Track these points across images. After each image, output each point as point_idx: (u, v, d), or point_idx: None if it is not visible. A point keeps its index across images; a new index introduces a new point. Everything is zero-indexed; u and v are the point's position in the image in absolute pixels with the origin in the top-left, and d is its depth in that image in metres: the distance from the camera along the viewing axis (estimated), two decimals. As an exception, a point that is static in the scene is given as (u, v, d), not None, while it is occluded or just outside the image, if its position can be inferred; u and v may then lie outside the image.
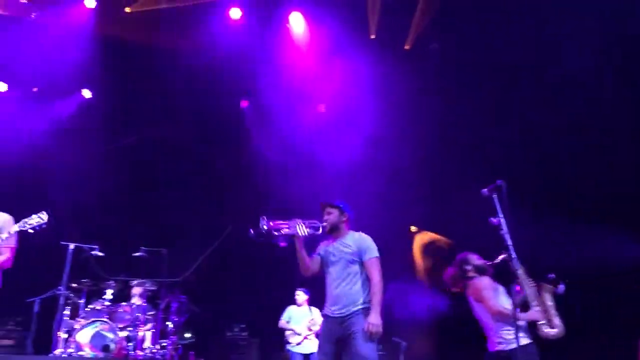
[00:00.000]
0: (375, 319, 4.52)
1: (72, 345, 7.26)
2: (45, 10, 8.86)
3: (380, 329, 4.51)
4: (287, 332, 8.41)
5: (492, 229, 4.49)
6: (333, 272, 4.84)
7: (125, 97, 9.73)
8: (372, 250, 4.86)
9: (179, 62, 9.06)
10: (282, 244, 4.80)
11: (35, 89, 9.61)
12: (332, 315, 4.75)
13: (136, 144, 10.11)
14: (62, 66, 8.90)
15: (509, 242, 4.40)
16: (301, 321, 8.43)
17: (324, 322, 4.91)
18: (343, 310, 4.66)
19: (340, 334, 4.64)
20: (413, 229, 11.55)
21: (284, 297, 8.79)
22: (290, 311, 8.60)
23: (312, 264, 4.97)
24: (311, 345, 8.22)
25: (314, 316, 8.43)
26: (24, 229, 4.87)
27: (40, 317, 7.57)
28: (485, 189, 4.61)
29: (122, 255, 8.38)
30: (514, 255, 4.35)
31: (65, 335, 7.43)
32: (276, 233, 4.80)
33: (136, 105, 9.79)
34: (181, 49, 8.99)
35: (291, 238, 4.84)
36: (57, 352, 7.21)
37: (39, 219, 4.36)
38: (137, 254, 8.30)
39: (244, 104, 10.63)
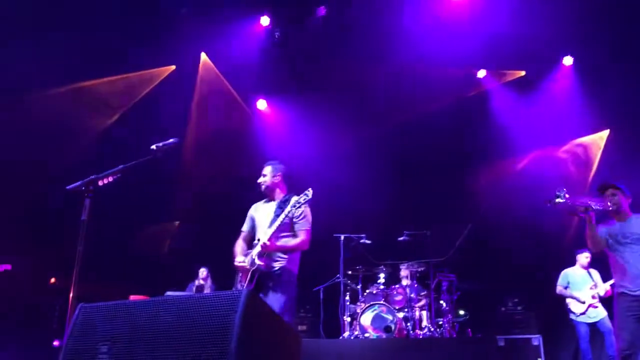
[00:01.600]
0: None
1: (357, 328, 7.85)
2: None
3: None
4: (568, 300, 7.92)
5: None
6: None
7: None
8: None
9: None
10: (582, 215, 4.79)
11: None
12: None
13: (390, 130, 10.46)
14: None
15: None
16: (583, 287, 7.88)
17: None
18: None
19: None
20: None
21: (555, 264, 8.41)
22: (568, 275, 8.09)
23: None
24: (597, 313, 7.70)
25: (596, 279, 7.83)
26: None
27: (327, 304, 8.37)
28: None
29: (388, 241, 8.75)
30: None
31: (349, 319, 8.08)
32: (577, 204, 4.81)
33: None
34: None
35: (586, 211, 4.78)
36: (345, 335, 7.87)
37: (306, 196, 4.65)
38: (401, 238, 8.61)
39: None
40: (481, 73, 10.29)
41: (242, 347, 2.31)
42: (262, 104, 11.11)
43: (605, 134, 10.11)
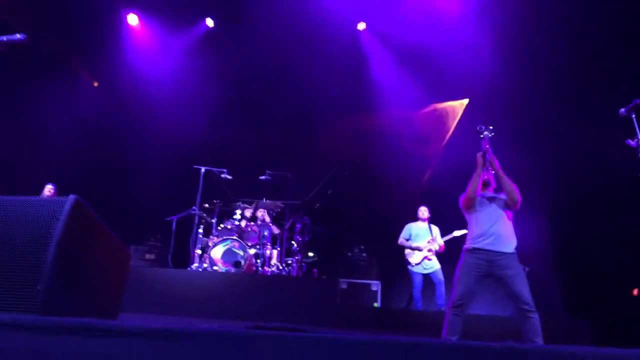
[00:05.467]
0: None
1: (207, 261, 7.87)
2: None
3: None
4: (406, 251, 8.42)
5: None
6: None
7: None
8: None
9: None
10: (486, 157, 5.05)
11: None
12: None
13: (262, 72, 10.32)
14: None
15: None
16: (422, 240, 8.39)
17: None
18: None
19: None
20: None
21: (405, 216, 8.92)
22: (411, 228, 8.53)
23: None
24: (432, 265, 8.26)
25: (434, 234, 8.40)
26: None
27: (179, 235, 8.27)
28: (623, 109, 4.32)
29: (250, 179, 8.78)
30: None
31: (200, 252, 8.08)
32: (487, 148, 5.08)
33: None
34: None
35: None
36: (193, 266, 7.88)
37: None
38: (263, 177, 8.66)
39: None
40: (361, 25, 10.40)
41: (61, 255, 2.21)
42: (132, 19, 10.47)
43: (465, 101, 10.74)
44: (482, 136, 5.07)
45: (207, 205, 8.48)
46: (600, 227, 8.25)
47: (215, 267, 7.82)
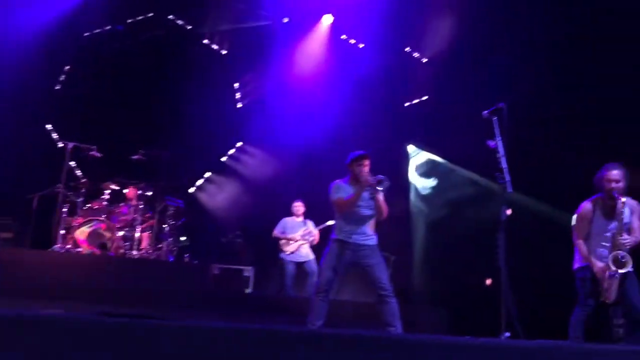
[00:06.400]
0: None
1: (70, 242, 7.45)
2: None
3: None
4: (282, 241, 8.49)
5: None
6: None
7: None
8: None
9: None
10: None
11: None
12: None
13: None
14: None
15: (504, 165, 4.45)
16: (297, 232, 8.46)
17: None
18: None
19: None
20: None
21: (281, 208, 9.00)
22: (286, 222, 8.55)
23: None
24: (305, 255, 8.33)
25: (310, 228, 8.52)
26: None
27: (40, 214, 7.71)
28: (486, 111, 4.62)
29: (122, 158, 8.39)
30: (507, 178, 4.41)
31: (64, 232, 7.61)
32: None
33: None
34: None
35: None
36: (56, 247, 7.40)
37: None
38: (135, 156, 8.31)
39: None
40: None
41: None
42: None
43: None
44: (380, 188, 5.09)
45: (73, 183, 7.99)
46: (461, 220, 8.82)
47: (78, 249, 7.42)
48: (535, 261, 7.29)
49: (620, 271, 4.61)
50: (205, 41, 10.50)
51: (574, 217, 5.01)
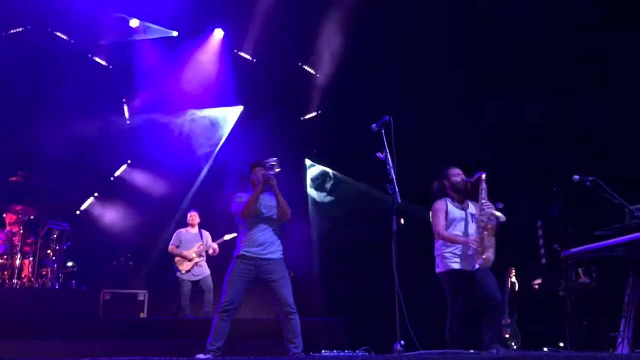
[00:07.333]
0: None
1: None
2: None
3: None
4: (176, 259, 8.21)
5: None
6: None
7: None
8: None
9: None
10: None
11: None
12: None
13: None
14: None
15: (393, 176, 4.56)
16: (192, 246, 8.25)
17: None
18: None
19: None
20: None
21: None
22: (181, 234, 8.34)
23: None
24: (201, 272, 8.17)
25: (205, 239, 8.33)
26: None
27: None
28: (375, 124, 4.72)
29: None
30: (396, 189, 4.51)
31: None
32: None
33: None
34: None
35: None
36: None
37: None
38: (13, 178, 7.77)
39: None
40: (133, 23, 9.95)
41: None
42: None
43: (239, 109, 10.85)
44: (274, 171, 5.03)
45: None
46: (357, 231, 9.01)
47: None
48: (428, 268, 7.54)
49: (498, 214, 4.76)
50: (90, 55, 10.02)
51: (430, 213, 5.13)
